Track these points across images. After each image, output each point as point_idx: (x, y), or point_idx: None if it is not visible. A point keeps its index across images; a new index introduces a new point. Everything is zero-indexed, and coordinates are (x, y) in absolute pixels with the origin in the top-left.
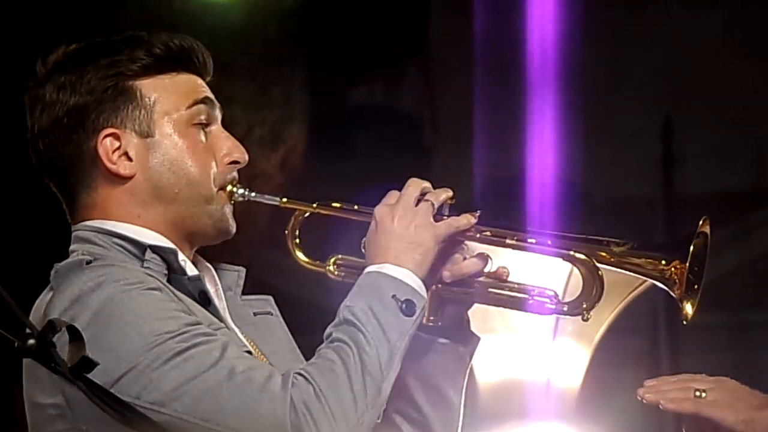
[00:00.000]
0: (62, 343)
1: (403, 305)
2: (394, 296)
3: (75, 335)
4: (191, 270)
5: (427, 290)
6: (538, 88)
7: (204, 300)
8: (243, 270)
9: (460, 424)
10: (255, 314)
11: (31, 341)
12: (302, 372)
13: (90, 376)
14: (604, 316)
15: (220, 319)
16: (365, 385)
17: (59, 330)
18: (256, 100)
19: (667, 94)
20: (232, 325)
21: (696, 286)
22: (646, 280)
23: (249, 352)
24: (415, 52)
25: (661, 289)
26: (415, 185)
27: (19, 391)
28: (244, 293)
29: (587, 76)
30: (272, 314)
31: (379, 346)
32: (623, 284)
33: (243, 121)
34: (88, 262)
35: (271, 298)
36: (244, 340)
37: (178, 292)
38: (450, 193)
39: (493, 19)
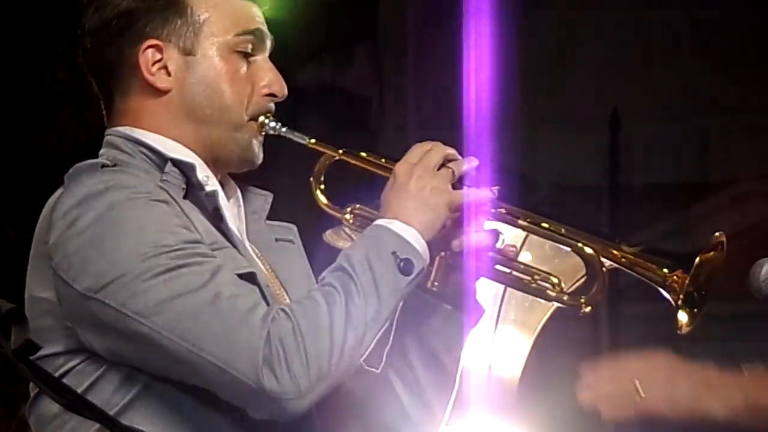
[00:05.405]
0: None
1: (402, 263)
2: (394, 253)
3: (18, 317)
4: (210, 186)
5: (435, 256)
6: (482, 73)
7: (217, 216)
8: (270, 195)
9: (455, 392)
10: (276, 240)
11: None
12: (285, 309)
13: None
14: (548, 306)
15: (229, 238)
16: (345, 334)
17: (2, 313)
18: None
19: (615, 86)
20: (247, 246)
21: (696, 310)
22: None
23: (250, 274)
24: (365, 35)
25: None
26: (438, 150)
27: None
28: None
29: (535, 64)
30: (293, 242)
31: (368, 299)
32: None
33: None
34: (103, 166)
35: (294, 227)
36: (258, 261)
37: (186, 208)
38: (474, 164)
39: (440, 7)
